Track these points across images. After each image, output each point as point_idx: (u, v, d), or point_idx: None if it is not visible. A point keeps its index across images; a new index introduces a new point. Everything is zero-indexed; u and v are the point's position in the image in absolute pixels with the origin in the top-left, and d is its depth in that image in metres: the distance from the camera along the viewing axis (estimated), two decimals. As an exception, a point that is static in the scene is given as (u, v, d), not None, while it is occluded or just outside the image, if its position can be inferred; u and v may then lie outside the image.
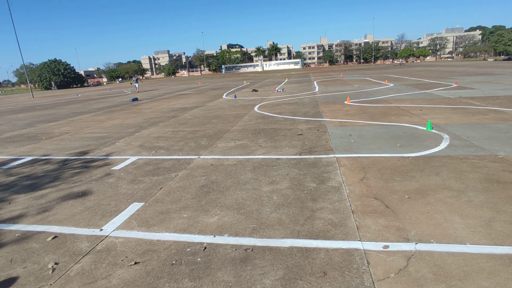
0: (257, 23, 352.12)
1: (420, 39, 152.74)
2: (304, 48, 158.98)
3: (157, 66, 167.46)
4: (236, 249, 3.09)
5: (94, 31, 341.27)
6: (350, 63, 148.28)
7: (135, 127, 10.60)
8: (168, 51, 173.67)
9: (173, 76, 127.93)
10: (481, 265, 2.63)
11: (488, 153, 5.49)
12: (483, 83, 17.91)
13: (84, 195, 4.78)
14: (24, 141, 9.52)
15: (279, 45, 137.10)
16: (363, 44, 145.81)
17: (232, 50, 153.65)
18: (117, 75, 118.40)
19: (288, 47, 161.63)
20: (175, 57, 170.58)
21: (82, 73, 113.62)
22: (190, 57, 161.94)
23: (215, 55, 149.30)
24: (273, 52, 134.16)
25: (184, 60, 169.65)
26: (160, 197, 4.50)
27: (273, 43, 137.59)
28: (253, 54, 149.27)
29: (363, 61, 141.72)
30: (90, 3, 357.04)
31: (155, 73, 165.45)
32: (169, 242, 3.31)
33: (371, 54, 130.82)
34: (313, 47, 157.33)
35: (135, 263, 2.97)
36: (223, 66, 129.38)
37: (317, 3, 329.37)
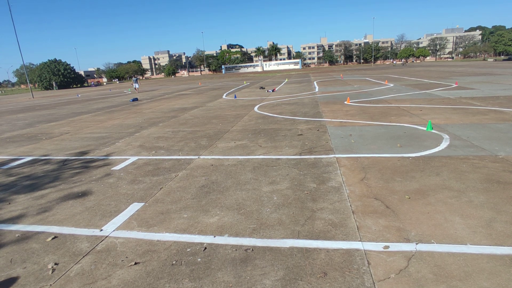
0: (257, 23, 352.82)
1: (420, 39, 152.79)
2: (304, 48, 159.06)
3: (157, 66, 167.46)
4: (236, 250, 3.09)
5: (94, 31, 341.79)
6: (350, 63, 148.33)
7: (135, 127, 10.60)
8: (168, 51, 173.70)
9: (173, 76, 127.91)
10: (482, 266, 2.63)
11: (488, 153, 5.49)
12: (483, 83, 17.91)
13: (84, 195, 4.78)
14: (24, 141, 9.52)
15: (279, 45, 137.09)
16: (363, 44, 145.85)
17: (232, 50, 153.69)
18: (117, 75, 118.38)
19: (288, 47, 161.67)
20: (175, 57, 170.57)
21: (82, 73, 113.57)
22: (190, 57, 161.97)
23: (215, 55, 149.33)
24: (273, 52, 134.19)
25: (184, 60, 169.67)
26: (160, 197, 4.50)
27: (273, 43, 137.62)
28: (253, 54, 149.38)
29: (363, 61, 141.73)
30: (90, 3, 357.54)
31: (155, 73, 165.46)
32: (169, 242, 3.31)
33: (371, 54, 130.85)
34: (313, 47, 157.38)
35: (135, 264, 2.97)
36: (223, 66, 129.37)
37: (317, 3, 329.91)
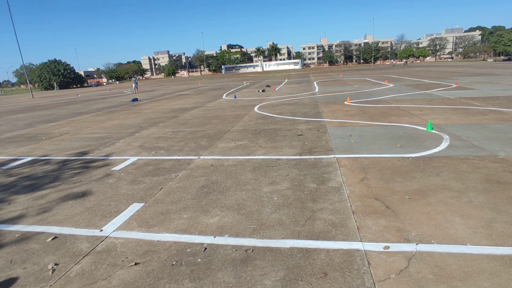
0: (257, 24, 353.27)
1: (419, 39, 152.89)
2: (304, 48, 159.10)
3: (157, 66, 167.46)
4: (236, 250, 3.09)
5: (94, 32, 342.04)
6: (350, 63, 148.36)
7: (135, 127, 10.59)
8: (168, 52, 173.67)
9: (173, 76, 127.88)
10: (482, 266, 2.63)
11: (488, 153, 5.49)
12: (483, 84, 17.92)
13: (84, 195, 4.77)
14: (24, 141, 9.51)
15: (279, 46, 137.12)
16: (362, 44, 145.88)
17: (232, 50, 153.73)
18: (117, 76, 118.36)
19: (288, 48, 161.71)
20: (175, 58, 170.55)
21: (82, 73, 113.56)
22: (190, 57, 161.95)
23: (215, 55, 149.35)
24: (273, 52, 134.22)
25: (184, 60, 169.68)
26: (160, 197, 4.49)
27: (273, 43, 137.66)
28: (253, 54, 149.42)
29: (363, 61, 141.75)
30: (90, 3, 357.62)
31: (155, 74, 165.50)
32: (169, 242, 3.30)
33: (371, 54, 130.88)
34: (313, 48, 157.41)
35: (135, 264, 2.96)
36: (223, 66, 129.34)
37: (317, 3, 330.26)
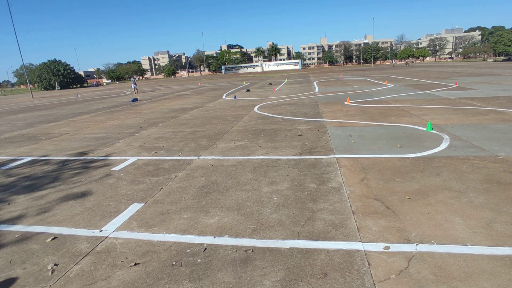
0: (257, 24, 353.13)
1: (419, 39, 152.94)
2: (303, 48, 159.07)
3: (157, 66, 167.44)
4: (236, 250, 3.08)
5: (93, 32, 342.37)
6: (349, 63, 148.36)
7: (135, 127, 10.59)
8: (168, 52, 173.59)
9: (173, 76, 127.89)
10: (482, 266, 2.63)
11: (488, 153, 5.49)
12: (483, 84, 17.92)
13: (83, 195, 4.77)
14: (23, 141, 9.51)
15: (278, 46, 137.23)
16: (362, 44, 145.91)
17: (231, 50, 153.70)
18: (117, 76, 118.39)
19: (287, 48, 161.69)
20: (175, 58, 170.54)
21: (81, 73, 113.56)
22: (190, 57, 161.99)
23: (215, 55, 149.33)
24: (272, 52, 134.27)
25: (184, 60, 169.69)
26: (160, 197, 4.49)
27: (273, 43, 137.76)
28: (253, 54, 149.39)
29: (362, 61, 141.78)
30: (90, 3, 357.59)
31: (155, 74, 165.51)
32: (169, 243, 3.30)
33: (370, 54, 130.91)
34: (313, 48, 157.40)
35: (135, 264, 2.96)
36: (223, 66, 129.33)
37: (317, 3, 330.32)
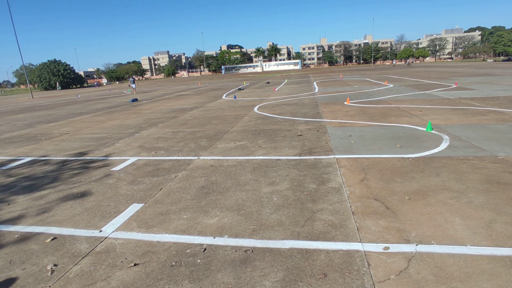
0: (257, 24, 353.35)
1: (419, 39, 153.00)
2: (303, 48, 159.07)
3: (156, 66, 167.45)
4: (236, 251, 3.08)
5: (93, 32, 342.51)
6: (349, 63, 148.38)
7: (134, 127, 10.59)
8: (167, 52, 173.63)
9: (172, 76, 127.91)
10: (482, 267, 2.62)
11: (488, 154, 5.48)
12: (483, 84, 17.92)
13: (83, 196, 4.77)
14: (23, 141, 9.50)
15: (278, 46, 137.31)
16: (362, 44, 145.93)
17: (231, 50, 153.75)
18: (116, 76, 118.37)
19: (287, 48, 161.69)
20: (174, 58, 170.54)
21: (81, 73, 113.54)
22: (189, 57, 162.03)
23: (214, 55, 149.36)
24: (272, 52, 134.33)
25: (184, 60, 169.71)
26: (159, 198, 4.49)
27: (273, 43, 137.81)
28: (253, 54, 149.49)
29: (362, 61, 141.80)
30: (90, 3, 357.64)
31: (154, 74, 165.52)
32: (169, 243, 3.30)
33: (370, 54, 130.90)
34: (313, 48, 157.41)
35: (135, 265, 2.96)
36: (222, 66, 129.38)
37: (317, 3, 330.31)
